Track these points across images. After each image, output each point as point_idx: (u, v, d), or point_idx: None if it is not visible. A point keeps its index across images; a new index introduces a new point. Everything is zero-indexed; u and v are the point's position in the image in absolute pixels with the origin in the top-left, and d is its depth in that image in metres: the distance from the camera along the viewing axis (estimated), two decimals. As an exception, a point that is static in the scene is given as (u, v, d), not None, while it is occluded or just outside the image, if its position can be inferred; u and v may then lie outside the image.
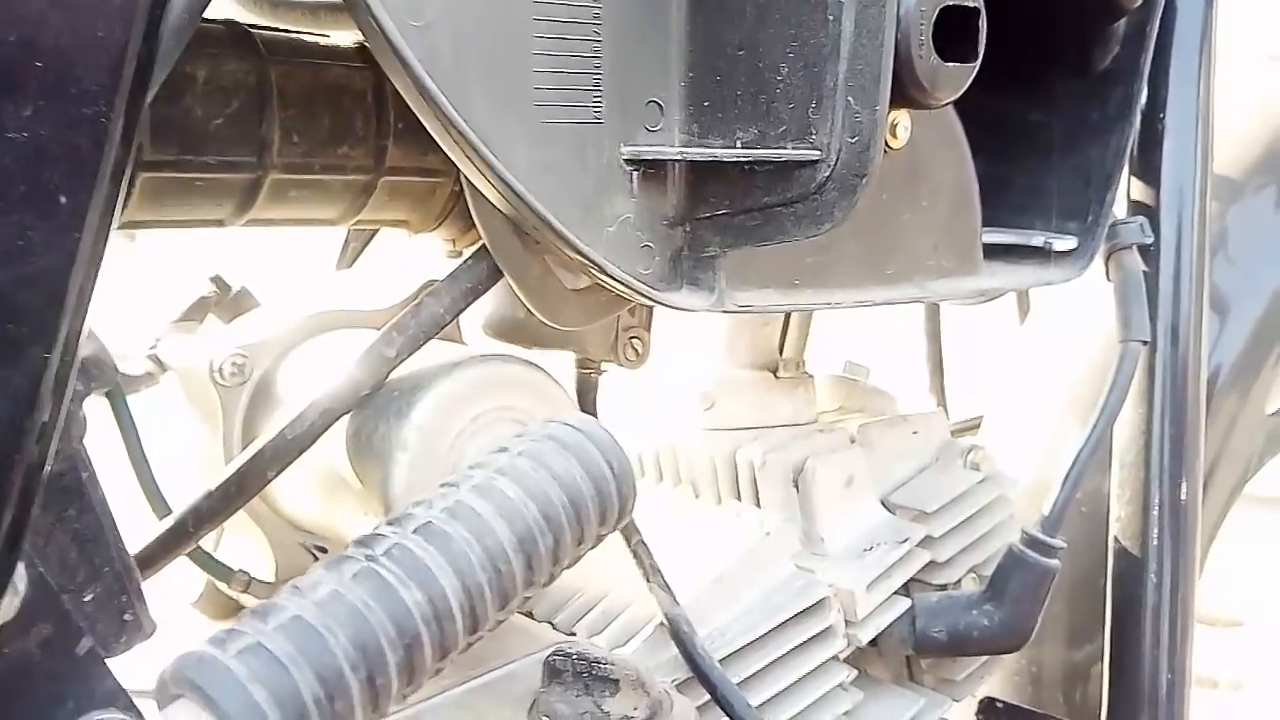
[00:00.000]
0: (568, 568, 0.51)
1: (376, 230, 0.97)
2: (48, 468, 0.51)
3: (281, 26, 0.84)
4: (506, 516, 0.46)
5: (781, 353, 1.13)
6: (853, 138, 0.63)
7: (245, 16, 0.88)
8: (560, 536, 0.48)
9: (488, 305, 0.87)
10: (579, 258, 0.65)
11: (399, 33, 0.56)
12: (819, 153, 0.64)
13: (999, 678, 1.35)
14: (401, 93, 0.59)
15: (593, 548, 0.52)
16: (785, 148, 0.65)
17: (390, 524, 0.46)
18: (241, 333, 0.83)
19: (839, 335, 1.39)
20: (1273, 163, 1.54)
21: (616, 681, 0.74)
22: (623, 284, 0.67)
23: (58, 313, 0.48)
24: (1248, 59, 1.65)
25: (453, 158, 0.61)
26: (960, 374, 1.78)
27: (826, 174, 0.64)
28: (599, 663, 0.74)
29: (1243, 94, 1.59)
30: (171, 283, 0.93)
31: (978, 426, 1.55)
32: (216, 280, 0.90)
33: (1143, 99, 1.04)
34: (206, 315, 0.89)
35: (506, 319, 0.86)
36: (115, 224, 0.50)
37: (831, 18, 0.62)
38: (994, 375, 1.61)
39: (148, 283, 0.95)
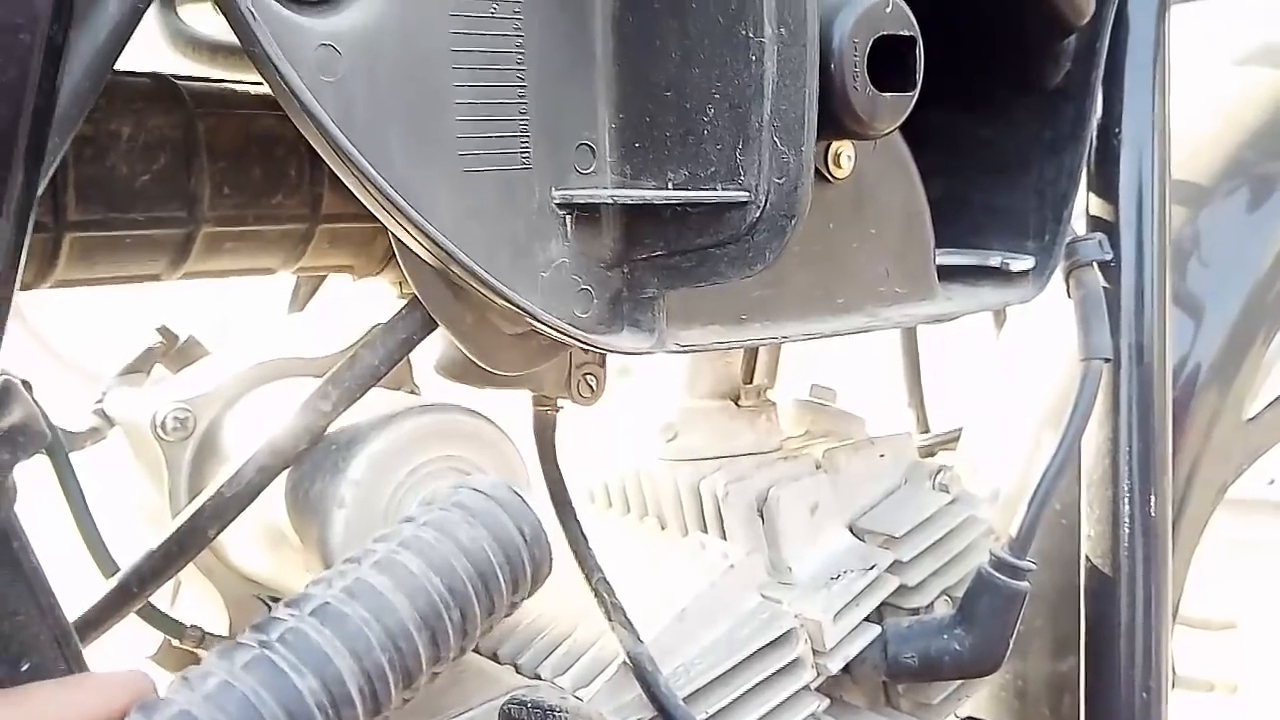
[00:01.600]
0: (482, 636, 0.50)
1: (324, 276, 0.96)
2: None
3: (217, 74, 0.84)
4: (408, 592, 0.45)
5: (752, 380, 1.12)
6: (780, 178, 0.62)
7: (181, 63, 0.88)
8: (468, 609, 0.47)
9: (438, 346, 0.87)
10: (510, 306, 0.64)
11: (309, 90, 0.56)
12: (748, 194, 0.63)
13: (984, 695, 1.34)
14: (316, 149, 0.58)
15: (508, 615, 0.51)
16: (715, 189, 0.64)
17: (287, 605, 0.45)
18: (186, 385, 0.82)
19: (809, 357, 1.39)
20: (1241, 166, 1.54)
21: (570, 729, 0.73)
22: (557, 330, 0.66)
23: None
24: (1213, 63, 1.64)
25: (374, 212, 0.60)
26: (938, 387, 1.78)
27: (756, 215, 0.63)
28: (553, 710, 0.74)
29: (1210, 98, 1.58)
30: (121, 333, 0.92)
31: (957, 439, 1.55)
32: (163, 330, 0.89)
33: (1097, 115, 1.03)
34: (153, 366, 0.88)
35: (457, 360, 0.85)
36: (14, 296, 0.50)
37: (754, 58, 0.61)
38: (971, 388, 1.61)
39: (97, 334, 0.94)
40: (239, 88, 0.76)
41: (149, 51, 0.89)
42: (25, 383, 0.72)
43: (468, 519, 0.48)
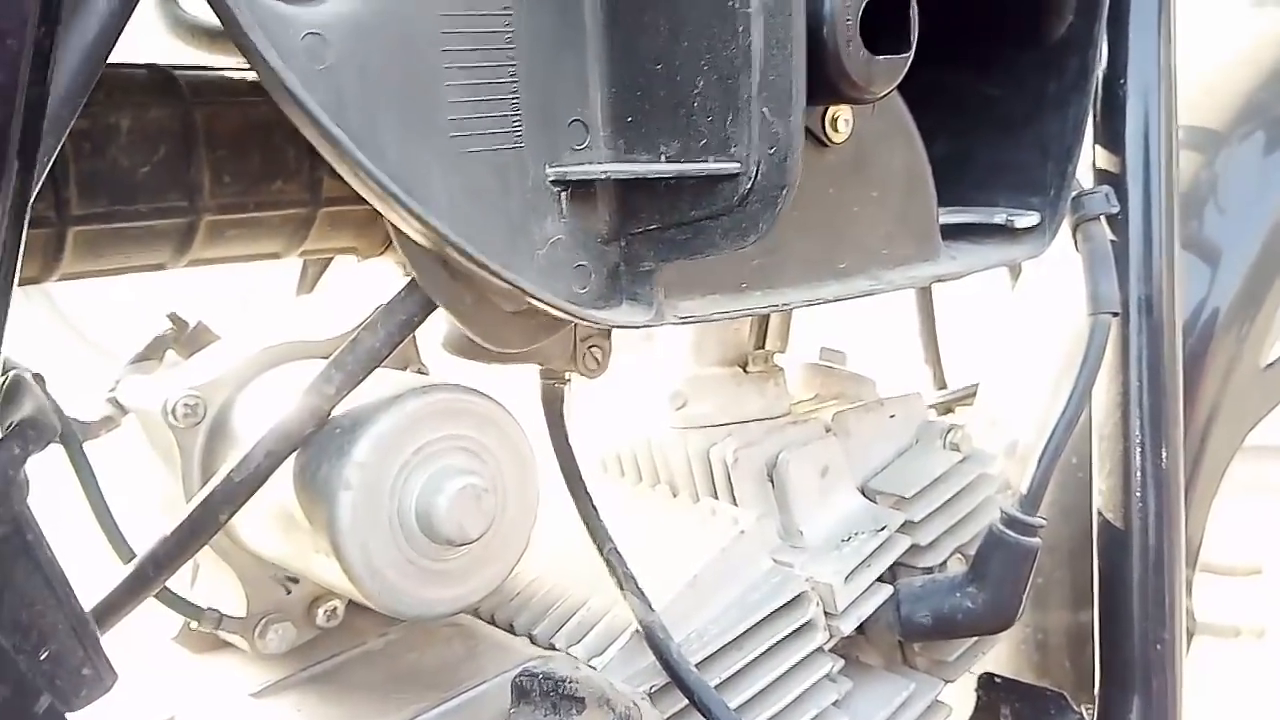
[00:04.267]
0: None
1: (332, 256, 0.97)
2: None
3: (217, 61, 0.84)
4: None
5: (764, 345, 1.12)
6: (770, 149, 0.62)
7: (181, 50, 0.88)
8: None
9: (444, 323, 0.87)
10: (506, 286, 0.64)
11: (298, 80, 0.56)
12: (739, 165, 0.63)
13: (1006, 648, 1.35)
14: (309, 139, 0.58)
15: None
16: (707, 161, 0.64)
17: None
18: (196, 371, 0.83)
19: (824, 319, 1.39)
20: (1257, 110, 1.52)
21: (582, 699, 0.74)
22: (555, 307, 0.67)
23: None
24: (1230, 5, 1.62)
25: (369, 199, 0.61)
26: (954, 343, 1.77)
27: (748, 186, 0.63)
28: (565, 681, 0.75)
29: (1225, 42, 1.56)
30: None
31: (974, 395, 1.54)
32: (173, 317, 0.90)
33: (1101, 67, 1.02)
34: (165, 353, 0.89)
35: (462, 337, 0.85)
36: (12, 294, 0.50)
37: (741, 29, 0.61)
38: (988, 343, 1.60)
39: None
40: (236, 75, 0.76)
41: (150, 40, 0.89)
42: (37, 375, 0.74)
43: None
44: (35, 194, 0.51)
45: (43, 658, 0.60)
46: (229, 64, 0.81)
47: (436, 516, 0.69)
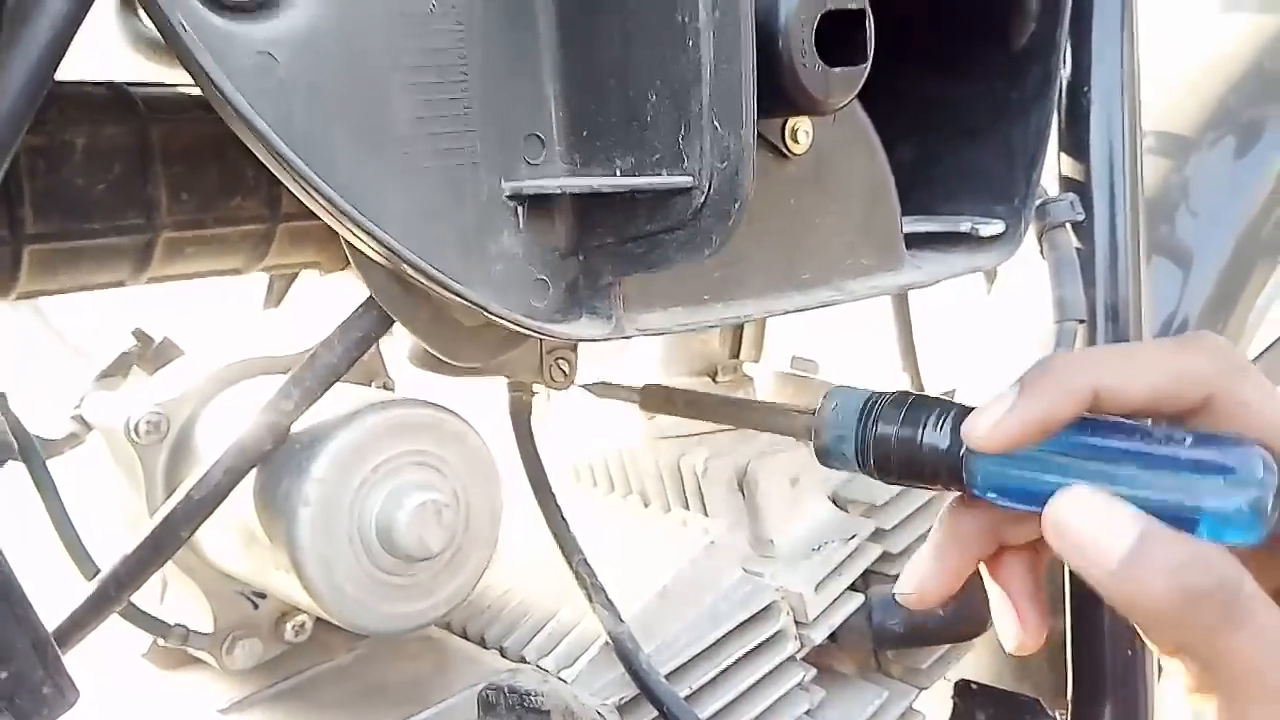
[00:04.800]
0: None
1: (297, 271, 0.97)
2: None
3: (180, 76, 0.84)
4: None
5: (739, 354, 1.12)
6: (722, 162, 0.62)
7: (143, 65, 0.88)
8: None
9: (409, 337, 0.87)
10: (462, 301, 0.64)
11: (245, 100, 0.56)
12: (691, 179, 0.63)
13: (983, 654, 1.35)
14: (257, 155, 0.58)
15: None
16: (661, 175, 0.64)
17: None
18: (160, 387, 0.83)
19: (800, 326, 1.39)
20: (1228, 115, 1.53)
21: (548, 712, 0.74)
22: (512, 321, 0.66)
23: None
24: (1199, 11, 1.63)
25: (321, 216, 0.61)
26: (931, 348, 1.77)
27: (701, 200, 0.63)
28: (530, 694, 0.75)
29: (1195, 47, 1.57)
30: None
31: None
32: (138, 333, 0.90)
33: (1064, 74, 1.03)
34: (130, 370, 0.89)
35: (427, 351, 0.85)
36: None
37: (690, 43, 0.61)
38: (965, 347, 1.61)
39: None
40: (193, 91, 0.76)
41: (111, 55, 0.89)
42: (-1, 394, 0.74)
43: None
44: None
45: (2, 677, 0.60)
46: (187, 80, 0.81)
47: (397, 532, 0.69)
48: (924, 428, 0.60)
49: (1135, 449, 0.53)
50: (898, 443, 0.61)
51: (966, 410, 0.58)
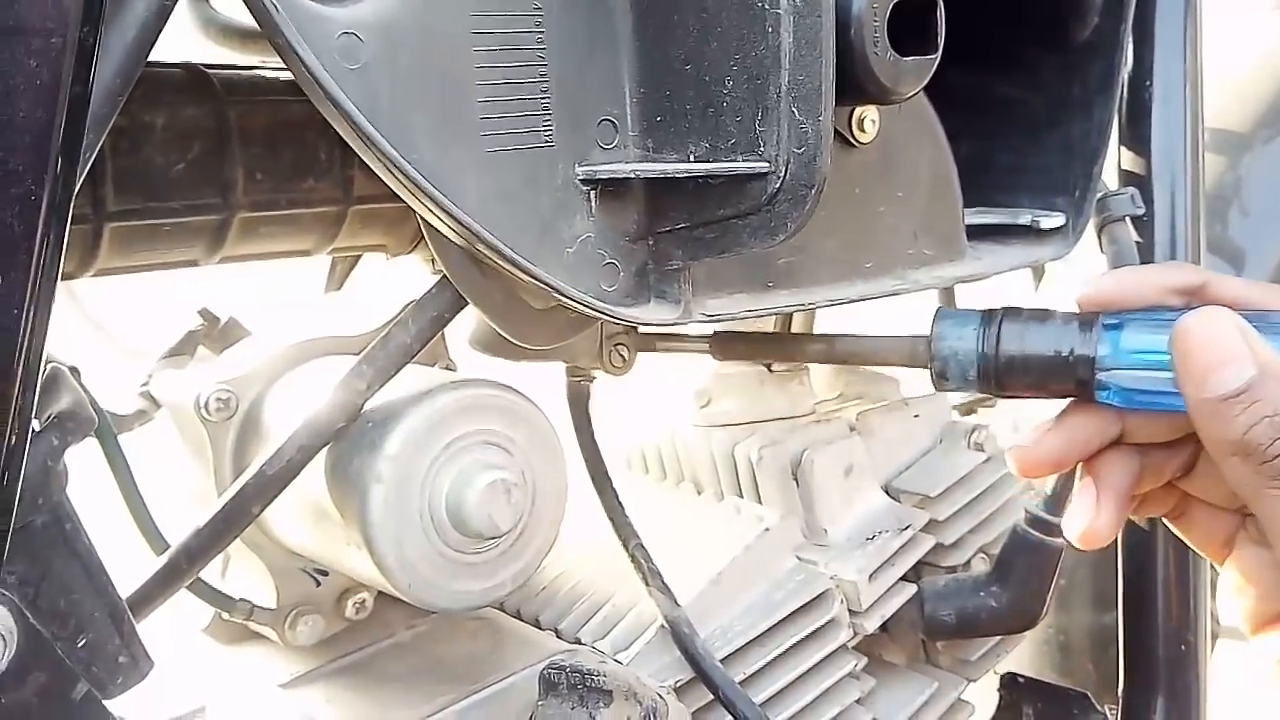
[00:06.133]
0: None
1: (360, 255, 0.98)
2: (13, 519, 0.53)
3: (249, 61, 0.85)
4: None
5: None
6: (799, 148, 0.63)
7: (214, 50, 0.90)
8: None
9: (472, 321, 0.88)
10: (536, 283, 0.65)
11: (333, 79, 0.57)
12: (767, 164, 0.63)
13: (1028, 649, 1.35)
14: (343, 136, 0.59)
15: None
16: (735, 160, 0.65)
17: None
18: (228, 366, 0.84)
19: (850, 319, 1.39)
20: (1281, 113, 1.51)
21: (609, 692, 0.75)
22: (583, 304, 0.67)
23: (7, 382, 0.49)
24: (1252, 9, 1.61)
25: (401, 195, 0.61)
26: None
27: (777, 185, 0.64)
28: (592, 674, 0.75)
29: (1247, 46, 1.56)
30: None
31: (996, 396, 1.54)
32: (204, 313, 0.91)
33: (1126, 69, 1.02)
34: (196, 348, 0.90)
35: (491, 335, 0.86)
36: (56, 289, 0.51)
37: (770, 29, 0.62)
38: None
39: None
40: (269, 75, 0.77)
41: (182, 40, 0.90)
42: (73, 369, 0.75)
43: None
44: (75, 191, 0.53)
45: (80, 645, 0.61)
46: (259, 63, 0.82)
47: (467, 510, 0.69)
48: (1050, 337, 0.60)
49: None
50: (1022, 355, 0.61)
51: (1092, 316, 0.59)
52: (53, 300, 0.52)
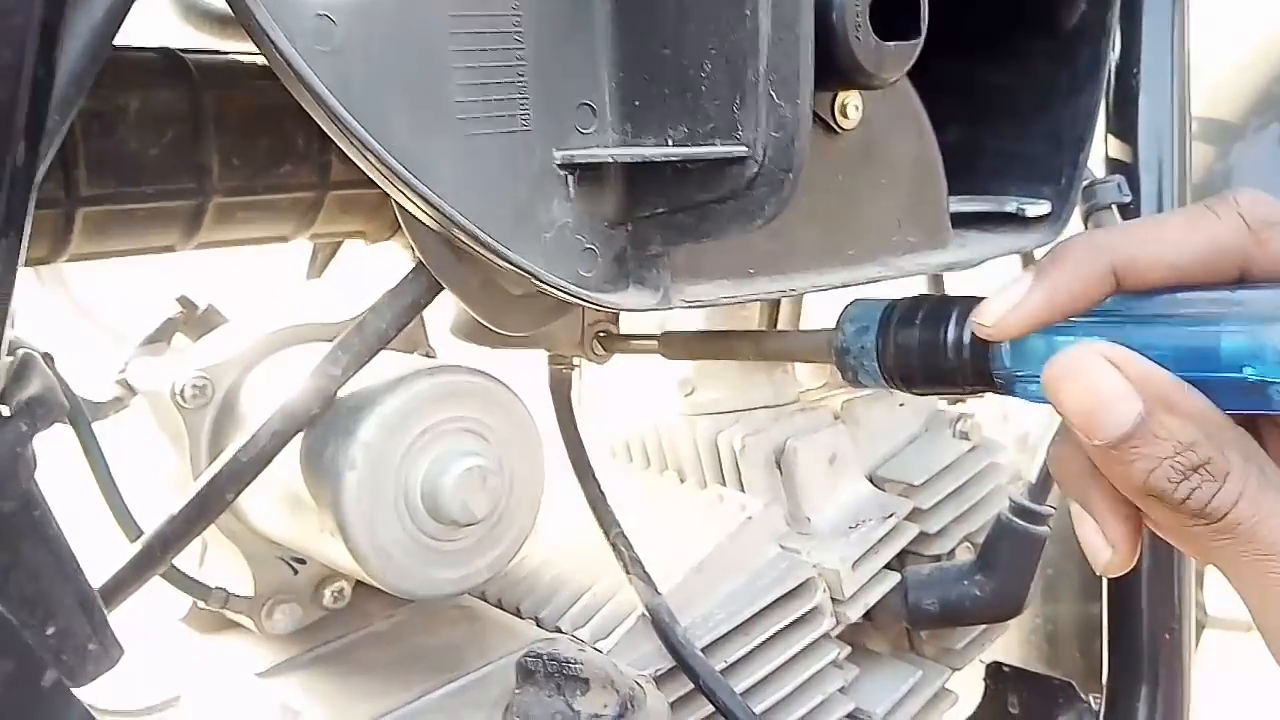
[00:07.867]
0: None
1: (341, 241, 0.97)
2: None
3: (228, 46, 0.84)
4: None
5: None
6: (777, 132, 0.62)
7: (191, 35, 0.89)
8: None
9: (451, 308, 0.88)
10: (513, 268, 0.64)
11: (305, 61, 0.56)
12: (746, 149, 0.63)
13: (1014, 638, 1.35)
14: (316, 120, 0.58)
15: None
16: (714, 144, 0.64)
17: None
18: (204, 353, 0.84)
19: (830, 304, 1.38)
20: (1273, 102, 1.51)
21: (586, 680, 0.74)
22: (561, 290, 0.66)
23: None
24: (1242, -3, 1.61)
25: (375, 180, 0.61)
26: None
27: (755, 170, 0.63)
28: (569, 662, 0.75)
29: (1240, 33, 1.55)
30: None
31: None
32: (182, 300, 0.90)
33: (1113, 57, 1.02)
34: (174, 336, 0.89)
35: (470, 321, 0.86)
36: (18, 274, 0.51)
37: (749, 11, 0.61)
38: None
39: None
40: (246, 59, 0.76)
41: (161, 25, 0.90)
42: (46, 355, 0.74)
43: None
44: (45, 174, 0.52)
45: (49, 633, 0.61)
46: (237, 49, 0.81)
47: (442, 497, 0.69)
48: (946, 327, 0.55)
49: (1168, 311, 0.46)
50: (920, 346, 0.56)
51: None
52: (13, 285, 0.51)
